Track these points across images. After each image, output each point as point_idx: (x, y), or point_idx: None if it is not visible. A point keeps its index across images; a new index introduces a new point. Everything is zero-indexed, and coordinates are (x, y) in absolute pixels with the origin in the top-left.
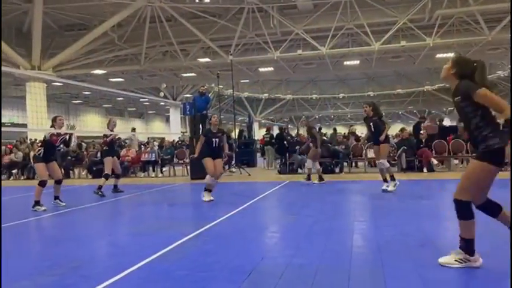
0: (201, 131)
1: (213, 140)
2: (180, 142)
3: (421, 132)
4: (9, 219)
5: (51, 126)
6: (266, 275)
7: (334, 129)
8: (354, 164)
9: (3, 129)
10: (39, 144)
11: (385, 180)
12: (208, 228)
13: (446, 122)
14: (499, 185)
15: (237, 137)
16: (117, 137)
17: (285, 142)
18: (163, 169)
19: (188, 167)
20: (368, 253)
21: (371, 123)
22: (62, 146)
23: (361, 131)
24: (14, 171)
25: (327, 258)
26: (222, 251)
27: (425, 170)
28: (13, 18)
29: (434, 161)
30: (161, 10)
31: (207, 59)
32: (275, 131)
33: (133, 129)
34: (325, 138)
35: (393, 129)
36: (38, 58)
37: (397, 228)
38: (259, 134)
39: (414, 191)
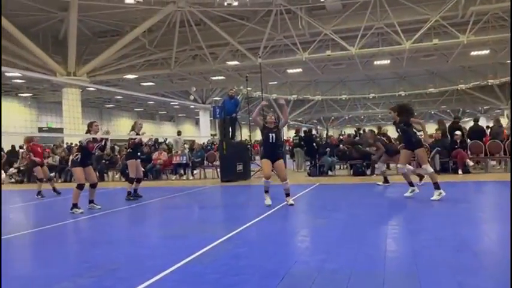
0: (230, 134)
1: (270, 135)
2: (210, 145)
3: (456, 133)
4: (49, 222)
5: (87, 132)
6: (299, 279)
7: (364, 130)
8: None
9: (42, 134)
10: (77, 149)
11: (410, 184)
12: (239, 232)
13: (482, 122)
14: (501, 186)
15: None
16: (145, 140)
17: (314, 144)
18: (194, 172)
19: (218, 170)
20: (402, 258)
21: (398, 129)
22: (97, 151)
23: (394, 132)
24: (52, 174)
25: (359, 263)
26: (254, 254)
27: (460, 171)
28: (50, 27)
29: (470, 162)
30: (190, 14)
31: (236, 62)
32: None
33: (179, 133)
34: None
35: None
36: (73, 64)
37: (432, 233)
38: (288, 135)
39: (449, 194)
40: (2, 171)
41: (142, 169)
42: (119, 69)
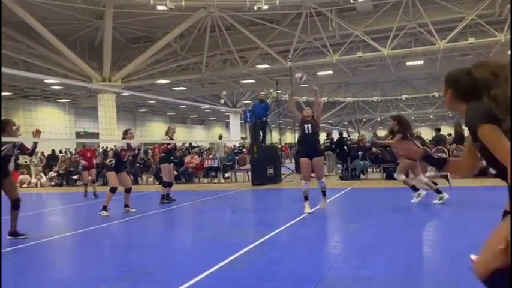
0: (261, 138)
1: (305, 126)
2: (240, 148)
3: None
4: (86, 225)
5: (122, 138)
6: (333, 286)
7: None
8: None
9: (79, 140)
10: (112, 155)
11: (437, 192)
12: (271, 236)
13: None
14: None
15: (296, 142)
16: (177, 145)
17: (346, 147)
18: (226, 175)
19: (249, 173)
20: (440, 265)
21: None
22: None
23: (428, 134)
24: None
25: (396, 270)
26: (287, 259)
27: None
28: (86, 34)
29: None
30: (221, 19)
31: (266, 65)
32: (335, 135)
33: (220, 137)
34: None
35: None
36: (108, 71)
37: (470, 239)
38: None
39: (488, 199)
40: (42, 174)
41: (175, 172)
42: (151, 75)
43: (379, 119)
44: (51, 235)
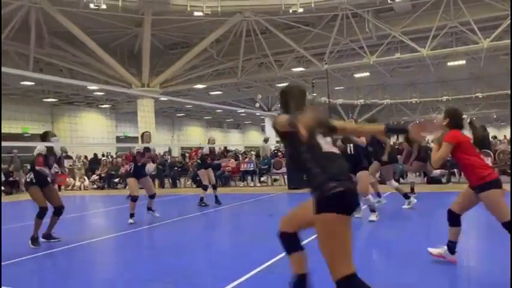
0: None
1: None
2: (276, 152)
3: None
4: (126, 227)
5: (141, 142)
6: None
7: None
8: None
9: (119, 144)
10: (131, 159)
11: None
12: (308, 242)
13: None
14: None
15: None
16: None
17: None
18: (262, 178)
19: (285, 176)
20: (492, 276)
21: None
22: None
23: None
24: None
25: (432, 279)
26: (324, 266)
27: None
28: (126, 42)
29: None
30: (256, 23)
31: (301, 68)
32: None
33: (266, 140)
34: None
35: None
36: (147, 76)
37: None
38: None
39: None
40: (85, 177)
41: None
42: (188, 80)
43: (418, 121)
44: (93, 237)
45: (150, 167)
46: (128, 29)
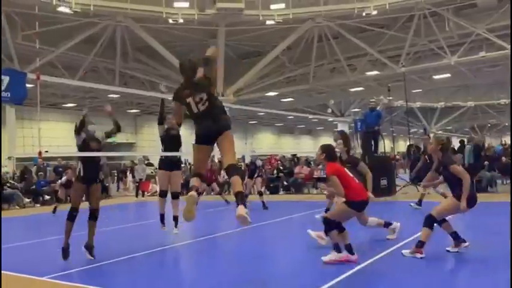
0: (372, 147)
1: None
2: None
3: None
4: (202, 233)
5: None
6: None
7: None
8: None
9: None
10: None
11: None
12: (382, 256)
13: None
14: None
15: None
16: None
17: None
18: None
19: None
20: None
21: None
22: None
23: None
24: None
25: None
26: (406, 278)
27: None
28: (201, 53)
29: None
30: (328, 29)
31: (376, 72)
32: (455, 143)
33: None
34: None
35: None
36: (221, 85)
37: None
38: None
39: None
40: None
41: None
42: (261, 88)
43: (507, 124)
44: (174, 242)
45: None
46: (202, 40)
